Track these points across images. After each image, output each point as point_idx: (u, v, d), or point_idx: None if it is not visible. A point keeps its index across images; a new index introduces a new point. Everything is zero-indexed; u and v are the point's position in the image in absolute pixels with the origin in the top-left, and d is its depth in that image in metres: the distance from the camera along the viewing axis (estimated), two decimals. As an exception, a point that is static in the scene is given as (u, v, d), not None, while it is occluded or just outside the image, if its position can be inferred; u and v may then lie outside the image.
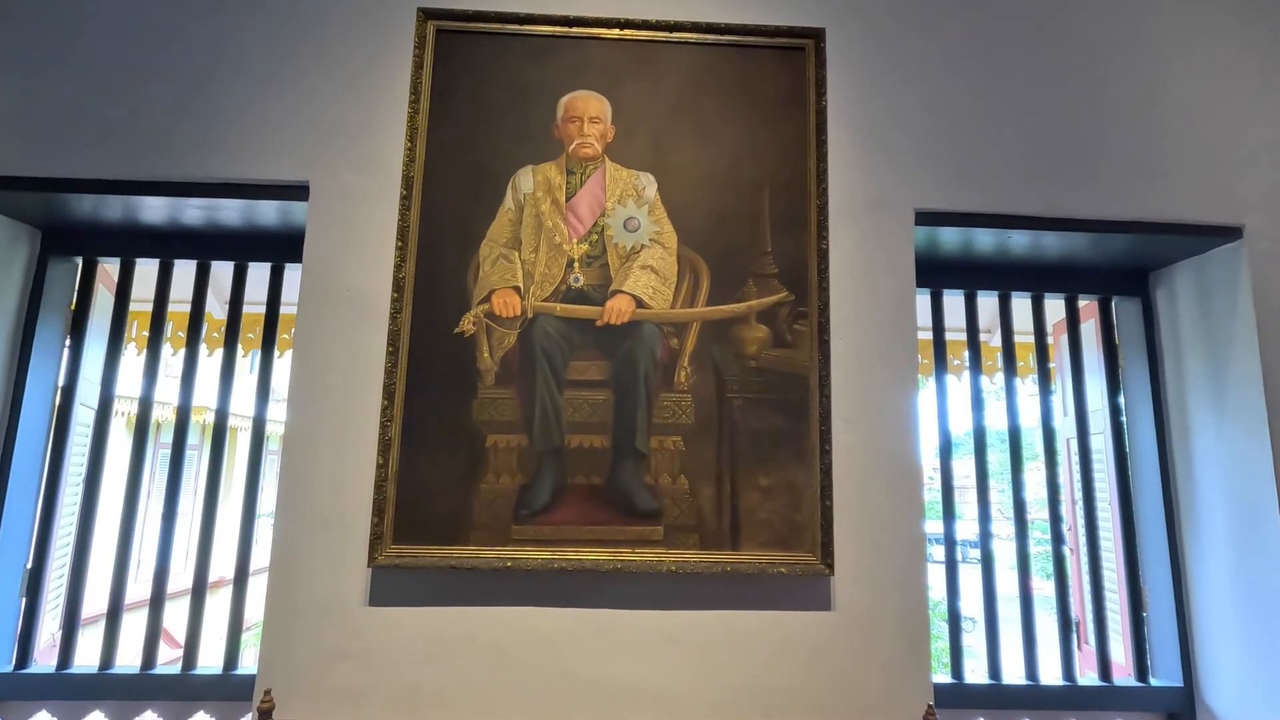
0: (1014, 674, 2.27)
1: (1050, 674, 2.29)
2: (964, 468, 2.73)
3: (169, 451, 2.34)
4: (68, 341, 2.32)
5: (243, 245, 2.30)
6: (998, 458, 2.76)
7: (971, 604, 2.35)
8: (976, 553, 2.55)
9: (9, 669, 2.09)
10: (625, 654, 1.83)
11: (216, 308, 2.81)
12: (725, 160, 2.04)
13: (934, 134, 2.15)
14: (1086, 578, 2.44)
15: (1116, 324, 2.49)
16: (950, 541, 2.37)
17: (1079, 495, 2.55)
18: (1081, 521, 2.48)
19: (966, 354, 2.58)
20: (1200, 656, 2.22)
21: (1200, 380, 2.25)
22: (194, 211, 2.12)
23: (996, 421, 2.60)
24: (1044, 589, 2.63)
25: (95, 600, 2.26)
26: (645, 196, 2.01)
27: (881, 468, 1.96)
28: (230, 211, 2.12)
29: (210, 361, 2.57)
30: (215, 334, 2.81)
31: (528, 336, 1.93)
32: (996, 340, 2.92)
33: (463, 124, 2.02)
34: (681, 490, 1.89)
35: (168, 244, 2.30)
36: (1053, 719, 2.23)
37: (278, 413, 3.18)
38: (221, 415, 2.35)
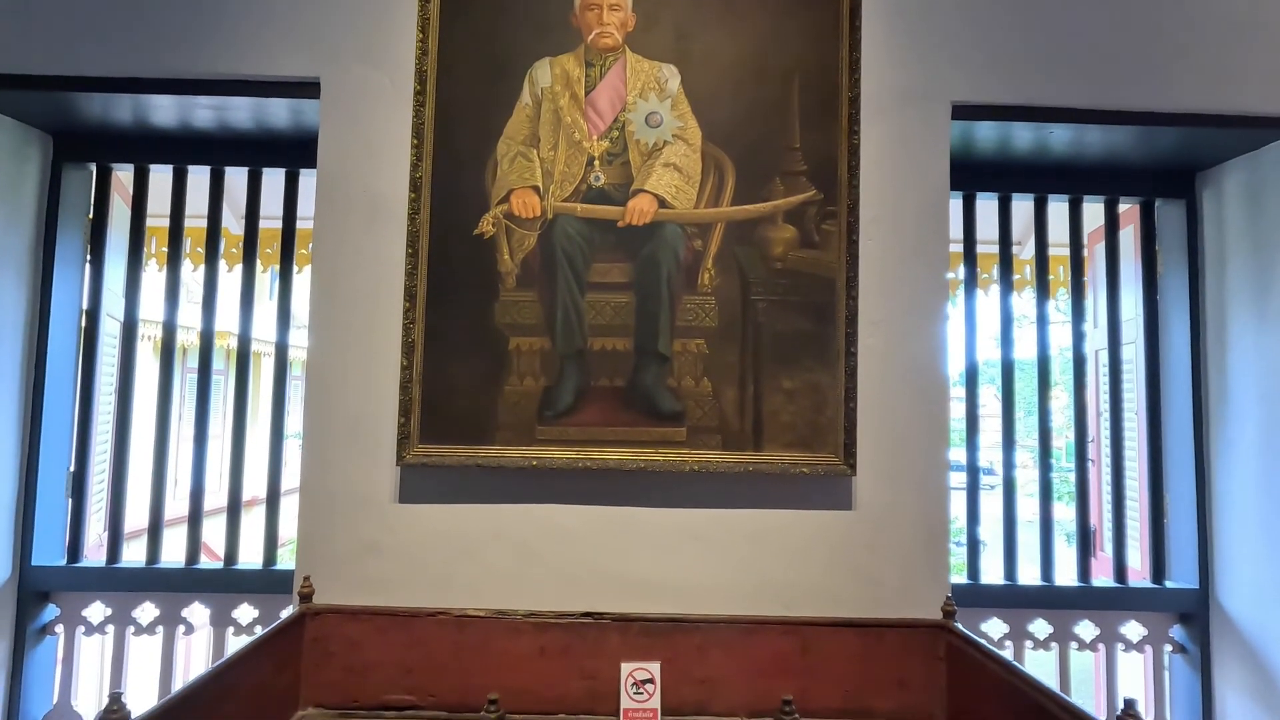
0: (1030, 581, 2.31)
1: (1066, 580, 2.33)
2: (984, 395, 2.68)
3: (195, 376, 2.36)
4: (89, 257, 2.33)
5: (256, 150, 2.26)
6: (1023, 382, 2.70)
7: (989, 529, 2.37)
8: (994, 479, 2.59)
9: (62, 563, 2.20)
10: (648, 550, 1.88)
11: (233, 223, 2.79)
12: (752, 49, 1.93)
13: (974, 21, 2.01)
14: (1108, 488, 2.44)
15: (1158, 228, 2.39)
16: (972, 468, 2.36)
17: (1105, 408, 2.53)
18: (1106, 433, 2.46)
19: (996, 268, 2.51)
20: (1218, 560, 2.23)
21: (1242, 284, 2.17)
22: (204, 112, 2.06)
23: (1025, 341, 2.55)
24: (1062, 513, 2.62)
25: (137, 515, 2.34)
26: (668, 90, 1.92)
27: (907, 370, 1.94)
28: (241, 112, 2.06)
29: (230, 279, 2.54)
30: (233, 250, 2.80)
31: (548, 238, 1.90)
32: (1027, 253, 2.84)
33: (476, 13, 1.92)
34: (704, 392, 1.89)
35: (180, 149, 2.26)
36: (1066, 618, 2.29)
37: (299, 338, 3.19)
38: (245, 341, 2.36)
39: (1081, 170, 2.33)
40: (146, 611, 2.21)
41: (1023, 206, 2.46)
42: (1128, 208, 2.47)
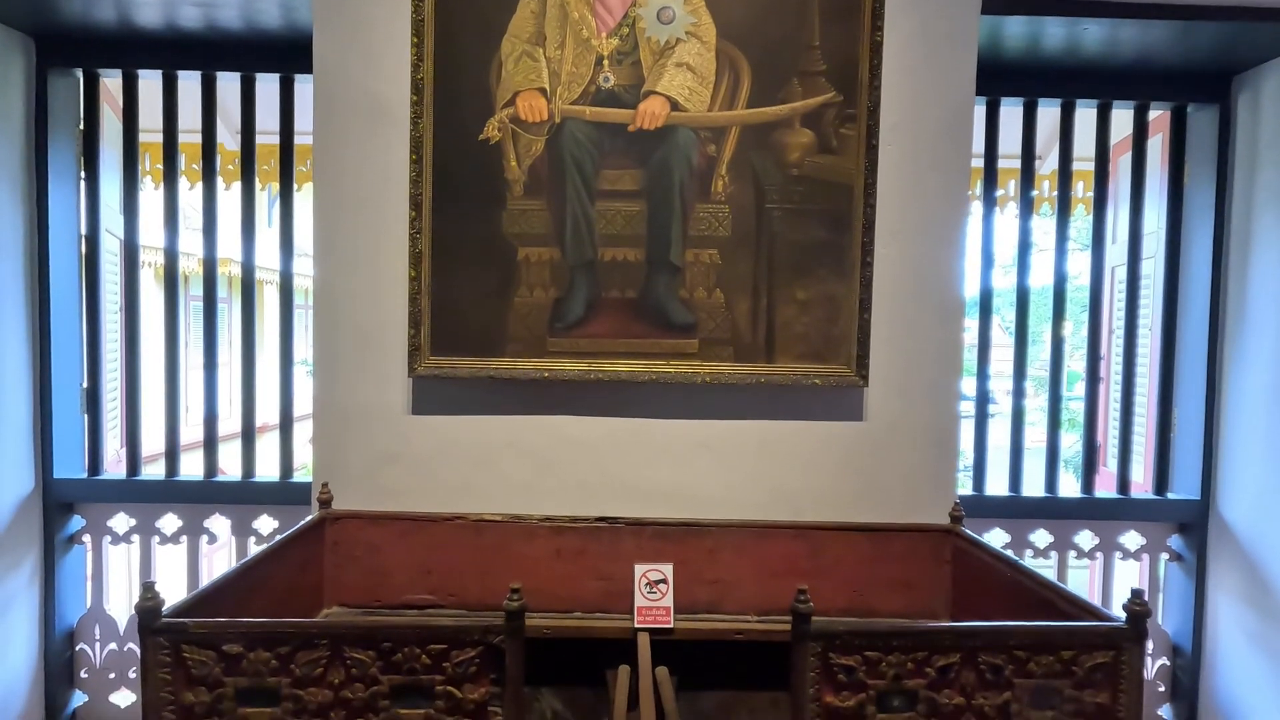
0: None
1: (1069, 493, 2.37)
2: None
3: (200, 304, 2.33)
4: (83, 173, 2.26)
5: (247, 53, 2.16)
6: (1034, 313, 2.62)
7: (994, 457, 2.39)
8: (998, 408, 2.66)
9: (83, 476, 2.24)
10: (660, 460, 1.90)
11: (229, 139, 2.71)
12: (771, -64, 1.80)
13: (1011, -96, 1.87)
14: (1116, 404, 2.45)
15: (1189, 135, 2.30)
16: (982, 397, 2.37)
17: (1120, 324, 2.50)
18: (1119, 350, 2.45)
19: (1014, 184, 2.44)
20: (1221, 472, 2.26)
21: (1271, 193, 2.10)
22: (191, 10, 1.96)
23: (1039, 268, 2.49)
24: (1067, 441, 2.62)
25: (153, 439, 2.35)
26: (681, -19, 1.81)
27: (922, 281, 1.90)
28: (229, 10, 1.95)
29: (229, 200, 2.45)
30: (230, 166, 2.72)
31: (556, 143, 1.83)
32: (1048, 168, 2.75)
33: (475, -104, 1.79)
34: (717, 304, 1.86)
35: (168, 53, 2.17)
36: (1067, 528, 2.34)
37: (303, 266, 3.13)
38: (248, 269, 2.32)
39: (1112, 73, 2.23)
40: (169, 522, 2.26)
41: (1047, 115, 2.36)
42: (1158, 115, 2.38)
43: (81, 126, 2.25)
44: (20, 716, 2.13)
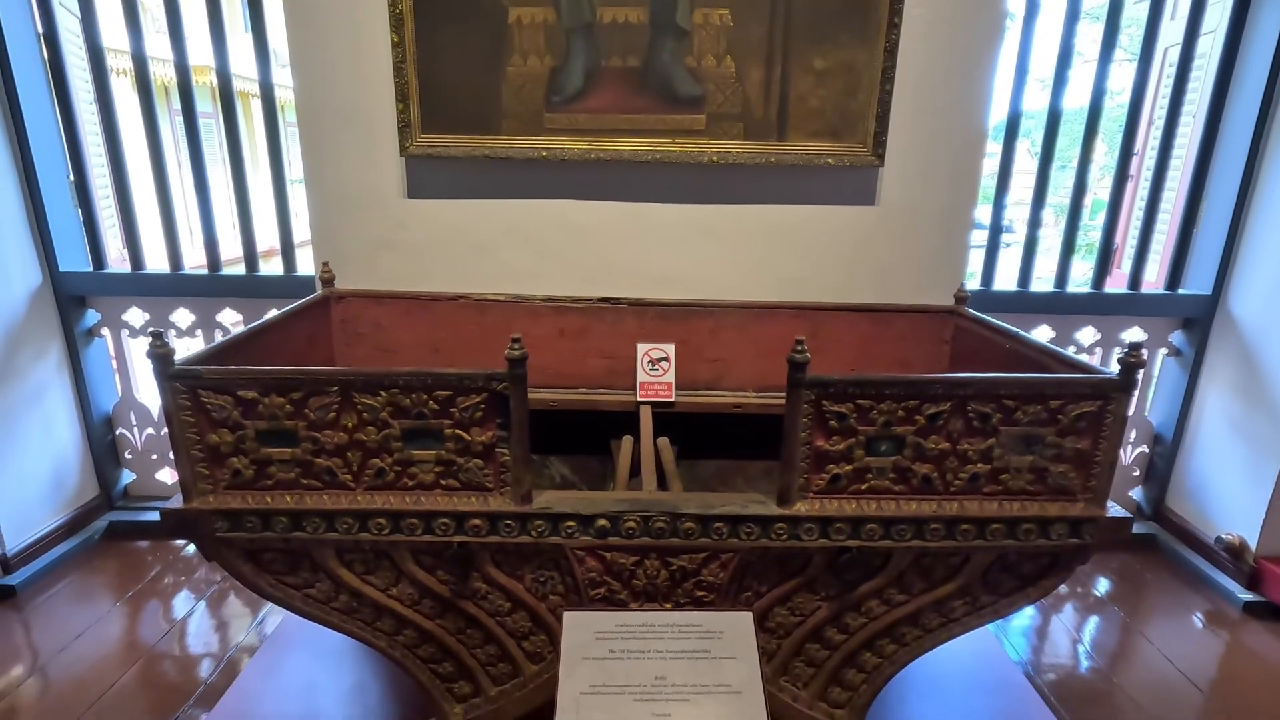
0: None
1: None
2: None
3: (182, 119, 2.17)
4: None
5: None
6: (1065, 137, 2.36)
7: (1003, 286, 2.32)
8: (1012, 237, 2.61)
9: (88, 269, 2.25)
10: (664, 246, 1.86)
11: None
12: None
13: None
14: (1141, 203, 2.34)
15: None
16: (995, 228, 2.26)
17: (1160, 115, 2.32)
18: (1154, 146, 2.29)
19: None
20: (1239, 269, 2.21)
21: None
22: None
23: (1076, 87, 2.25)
24: (1079, 270, 2.49)
25: (155, 258, 2.31)
26: None
27: (951, 50, 1.73)
28: None
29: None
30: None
31: (546, -126, 1.59)
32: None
33: None
34: (727, 74, 1.72)
35: None
36: (1071, 324, 2.34)
37: (286, 78, 2.87)
38: (225, 77, 2.12)
39: None
40: (182, 316, 2.31)
41: None
42: None
43: None
44: (76, 490, 2.33)
